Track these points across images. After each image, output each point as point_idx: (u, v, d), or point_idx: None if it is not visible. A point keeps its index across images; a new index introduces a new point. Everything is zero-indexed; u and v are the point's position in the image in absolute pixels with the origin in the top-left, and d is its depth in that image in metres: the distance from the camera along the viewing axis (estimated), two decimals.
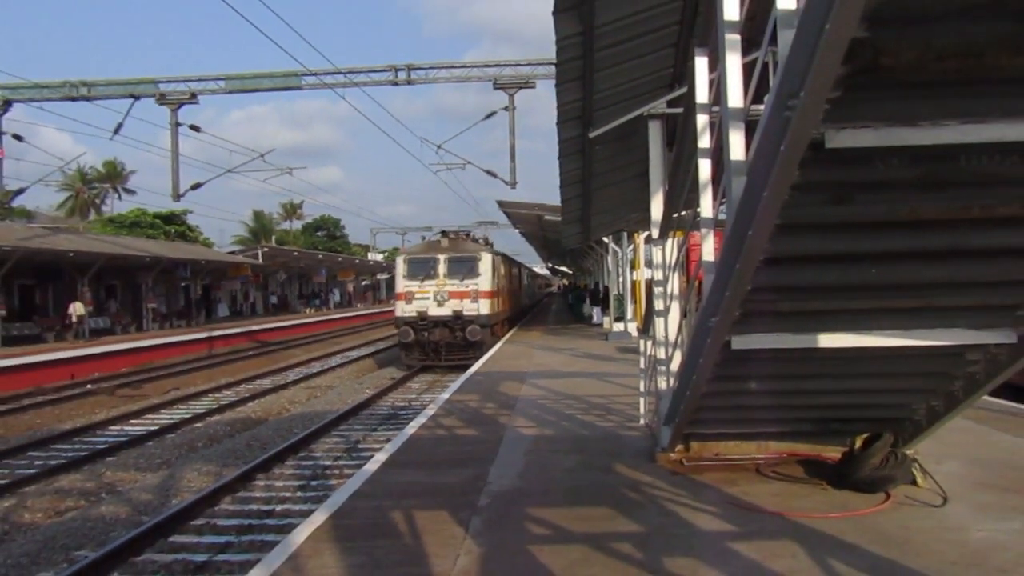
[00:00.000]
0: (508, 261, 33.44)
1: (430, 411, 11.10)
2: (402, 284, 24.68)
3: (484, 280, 24.43)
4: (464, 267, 24.45)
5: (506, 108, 26.55)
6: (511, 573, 4.86)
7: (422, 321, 23.74)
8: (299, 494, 10.31)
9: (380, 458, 8.08)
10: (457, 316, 23.74)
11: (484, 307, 24.10)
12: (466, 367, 18.08)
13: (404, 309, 24.14)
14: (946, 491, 5.98)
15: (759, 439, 7.16)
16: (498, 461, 7.73)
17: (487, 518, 5.90)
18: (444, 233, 26.62)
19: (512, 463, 7.66)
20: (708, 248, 5.14)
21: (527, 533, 5.60)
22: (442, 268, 24.35)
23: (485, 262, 24.71)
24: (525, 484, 6.89)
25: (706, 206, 5.20)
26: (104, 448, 13.39)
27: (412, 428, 9.79)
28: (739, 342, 5.07)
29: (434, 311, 23.85)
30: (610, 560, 4.95)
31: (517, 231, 45.69)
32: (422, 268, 24.55)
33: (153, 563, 7.79)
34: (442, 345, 23.83)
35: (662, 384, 7.58)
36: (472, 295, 24.01)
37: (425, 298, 24.02)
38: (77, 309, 30.11)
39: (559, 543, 5.32)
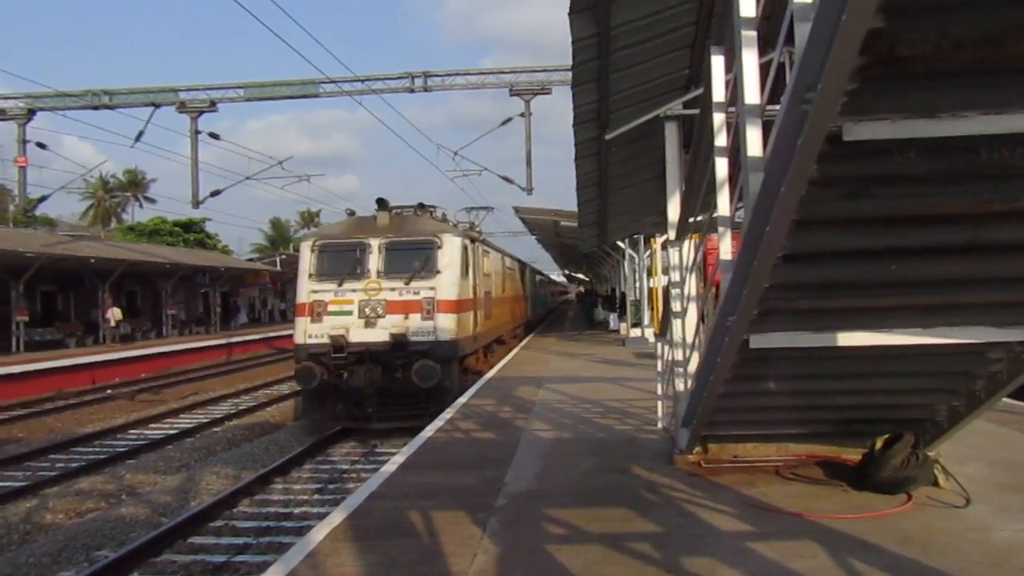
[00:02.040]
0: (499, 254, 23.53)
1: (447, 414, 11.11)
2: (306, 289, 15.05)
3: (447, 281, 15.03)
4: (414, 259, 15.17)
5: (522, 114, 26.68)
6: (529, 572, 4.85)
7: (338, 354, 14.22)
8: (316, 497, 10.36)
9: (397, 460, 8.10)
10: (399, 343, 14.24)
11: (447, 327, 14.73)
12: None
13: (309, 332, 14.64)
14: (968, 492, 5.90)
15: (778, 441, 7.11)
16: (515, 463, 7.72)
17: (504, 518, 5.89)
18: (382, 203, 15.95)
19: (529, 465, 7.65)
20: (725, 247, 5.12)
21: (545, 533, 5.59)
22: (375, 261, 15.05)
23: (450, 250, 15.29)
24: (542, 485, 6.88)
25: (723, 205, 5.18)
26: (124, 451, 13.55)
27: (429, 431, 9.81)
28: (757, 341, 5.03)
29: (360, 335, 14.47)
30: (628, 560, 4.93)
31: (534, 238, 45.80)
32: (342, 262, 15.25)
33: (172, 563, 7.86)
34: (372, 395, 14.30)
35: (680, 386, 7.54)
36: (425, 307, 14.69)
37: (345, 312, 14.69)
38: (115, 314, 30.82)
39: (577, 543, 5.30)
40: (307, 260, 15.37)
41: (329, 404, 14.67)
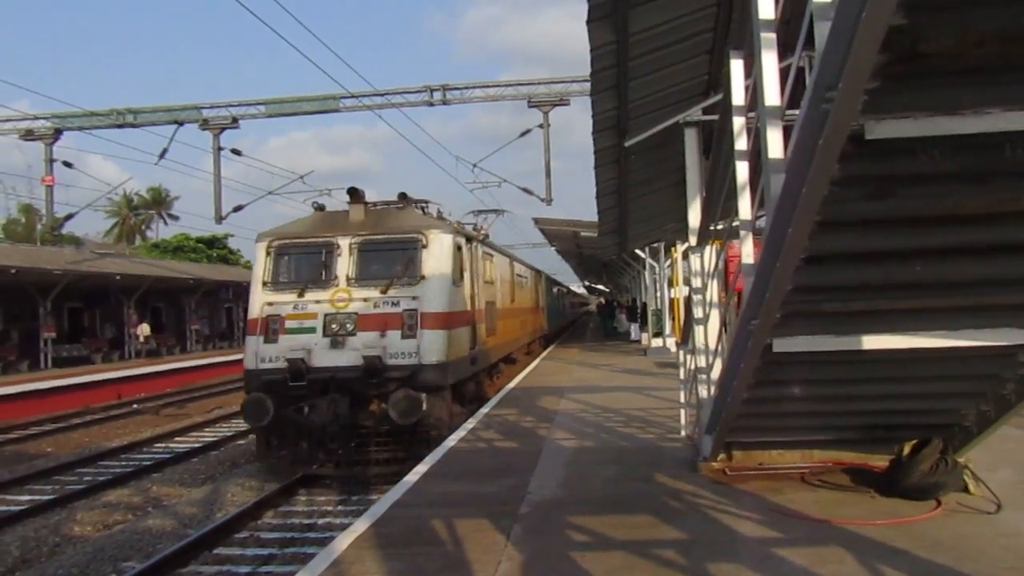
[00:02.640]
0: (506, 259, 20.15)
1: (469, 424, 11.11)
2: (260, 300, 12.31)
3: (434, 288, 12.05)
4: (393, 262, 12.33)
5: (541, 126, 26.75)
6: None
7: (296, 382, 11.42)
8: (340, 508, 10.39)
9: (420, 469, 8.11)
10: (373, 368, 11.31)
11: (434, 347, 11.69)
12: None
13: (262, 354, 11.97)
14: (999, 498, 5.81)
15: (803, 447, 7.04)
16: (538, 471, 7.70)
17: (528, 526, 5.88)
18: (355, 194, 13.04)
19: (552, 473, 7.63)
20: (747, 252, 5.10)
21: (568, 540, 5.57)
22: (345, 265, 12.21)
23: (437, 250, 12.30)
24: (566, 493, 6.86)
25: (744, 210, 5.16)
26: (150, 464, 13.66)
27: (452, 441, 9.82)
28: (781, 344, 5.00)
29: (324, 358, 11.59)
30: (653, 566, 4.89)
31: (553, 249, 45.81)
32: (304, 266, 12.62)
33: (198, 575, 7.91)
34: (338, 432, 11.38)
35: (703, 393, 7.50)
36: (406, 322, 11.69)
37: (307, 330, 11.82)
38: (144, 330, 31.26)
39: (601, 549, 5.28)
40: (261, 264, 12.48)
41: (288, 445, 11.75)
